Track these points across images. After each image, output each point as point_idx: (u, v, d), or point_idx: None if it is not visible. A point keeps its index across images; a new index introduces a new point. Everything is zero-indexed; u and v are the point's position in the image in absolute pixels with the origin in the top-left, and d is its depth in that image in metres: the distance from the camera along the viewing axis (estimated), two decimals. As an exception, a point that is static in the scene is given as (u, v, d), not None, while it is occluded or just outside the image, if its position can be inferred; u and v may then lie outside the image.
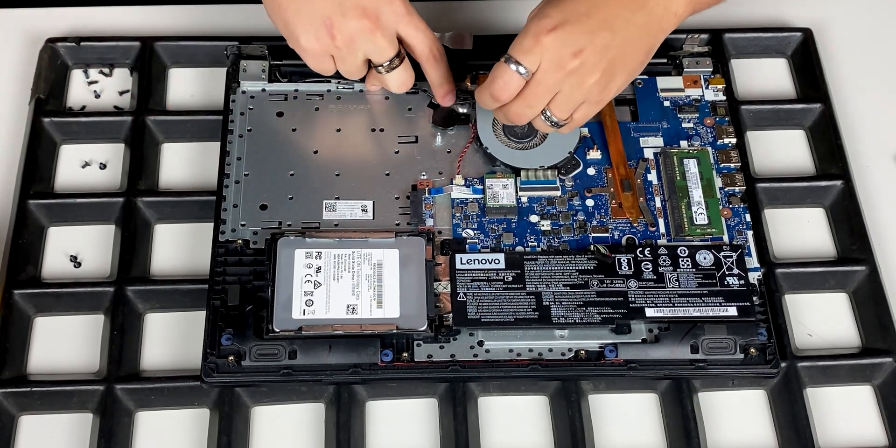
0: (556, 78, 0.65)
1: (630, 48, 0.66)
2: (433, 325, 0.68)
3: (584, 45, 0.64)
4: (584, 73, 0.65)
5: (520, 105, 0.67)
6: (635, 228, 0.73)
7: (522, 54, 0.65)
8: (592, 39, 0.64)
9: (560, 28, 0.64)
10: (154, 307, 0.73)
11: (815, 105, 0.81)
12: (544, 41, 0.64)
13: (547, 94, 0.66)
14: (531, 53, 0.64)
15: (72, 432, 0.68)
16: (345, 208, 0.73)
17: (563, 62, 0.64)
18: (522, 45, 0.65)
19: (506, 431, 0.69)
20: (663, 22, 0.67)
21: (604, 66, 0.65)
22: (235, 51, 0.78)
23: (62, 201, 0.76)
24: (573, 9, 0.64)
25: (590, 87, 0.65)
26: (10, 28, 0.84)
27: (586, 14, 0.64)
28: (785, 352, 0.70)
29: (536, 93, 0.66)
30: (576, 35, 0.64)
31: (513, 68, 0.65)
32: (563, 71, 0.64)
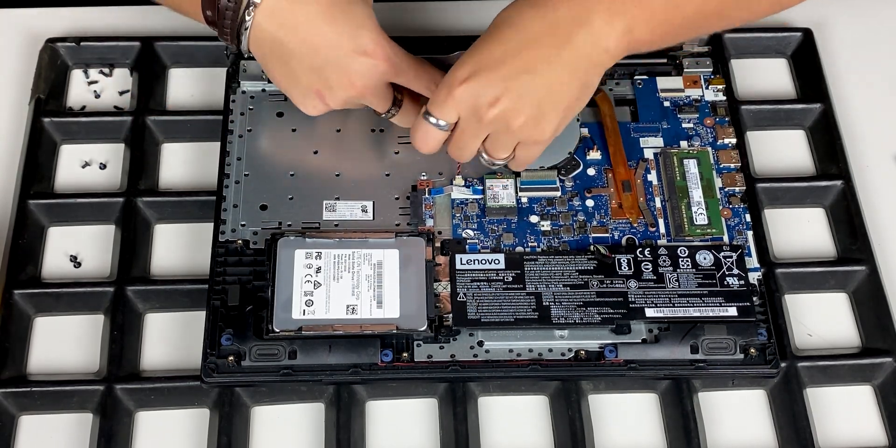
0: (478, 127, 0.64)
1: (558, 87, 0.63)
2: (433, 325, 0.68)
3: (500, 93, 0.62)
4: (507, 119, 0.63)
5: (452, 149, 0.67)
6: (635, 229, 0.73)
7: (437, 109, 0.64)
8: (508, 86, 0.61)
9: (472, 79, 0.62)
10: (154, 307, 0.73)
11: (815, 105, 0.81)
12: (457, 94, 0.62)
13: (473, 141, 0.66)
14: (445, 106, 0.63)
15: (72, 432, 0.68)
16: (345, 209, 0.73)
17: (480, 113, 0.63)
18: (437, 100, 0.64)
19: (506, 431, 0.69)
20: (594, 58, 0.62)
21: (528, 110, 0.63)
22: (235, 51, 0.78)
23: (62, 201, 0.76)
24: (487, 56, 0.62)
25: (519, 130, 0.64)
26: (10, 28, 0.84)
27: (500, 60, 0.62)
28: (785, 352, 0.70)
29: (463, 139, 0.66)
30: (490, 84, 0.61)
31: (432, 121, 0.65)
32: (483, 121, 0.63)
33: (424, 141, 0.66)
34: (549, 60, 0.61)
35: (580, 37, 0.61)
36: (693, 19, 0.64)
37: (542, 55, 0.61)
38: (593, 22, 0.61)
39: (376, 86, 0.67)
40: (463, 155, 0.68)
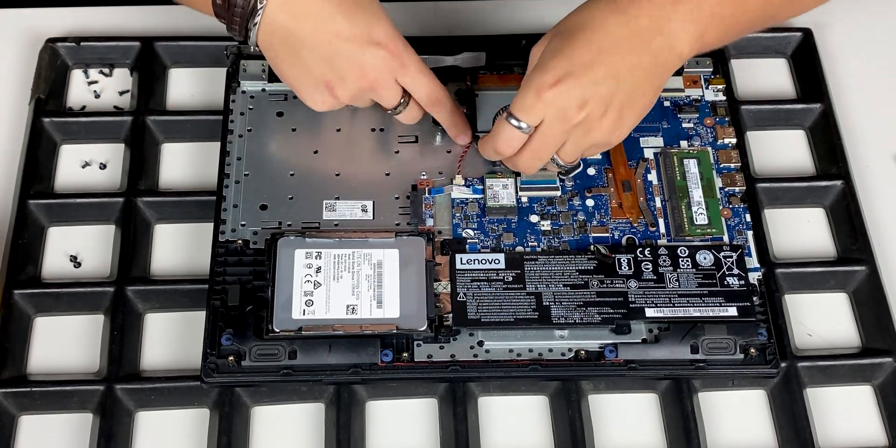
0: (562, 130, 0.64)
1: (637, 92, 0.65)
2: (433, 325, 0.68)
3: (589, 96, 0.63)
4: (590, 123, 0.64)
5: (528, 157, 0.67)
6: (635, 228, 0.73)
7: (524, 112, 0.64)
8: (597, 90, 0.63)
9: (562, 82, 0.62)
10: (154, 307, 0.73)
11: (815, 105, 0.81)
12: (546, 97, 0.63)
13: (553, 145, 0.66)
14: (533, 110, 0.64)
15: (72, 432, 0.68)
16: (345, 208, 0.73)
17: (567, 116, 0.63)
18: (524, 103, 0.64)
19: (506, 431, 0.69)
20: (669, 63, 0.65)
21: (611, 114, 0.64)
22: (235, 51, 0.78)
23: (62, 201, 0.76)
24: (575, 59, 0.63)
25: (598, 135, 0.65)
26: (10, 28, 0.84)
27: (588, 65, 0.63)
28: (785, 352, 0.70)
29: (543, 145, 0.66)
30: (579, 87, 0.62)
31: (514, 124, 0.65)
32: (569, 124, 0.64)
33: (508, 144, 0.66)
34: (633, 66, 0.63)
35: (659, 43, 0.64)
36: (755, 20, 0.67)
37: (627, 61, 0.63)
38: (672, 29, 0.64)
39: (388, 79, 0.67)
40: (535, 161, 0.67)
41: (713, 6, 0.64)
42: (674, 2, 0.64)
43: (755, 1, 0.66)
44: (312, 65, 0.66)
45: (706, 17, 0.64)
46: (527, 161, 0.68)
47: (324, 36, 0.65)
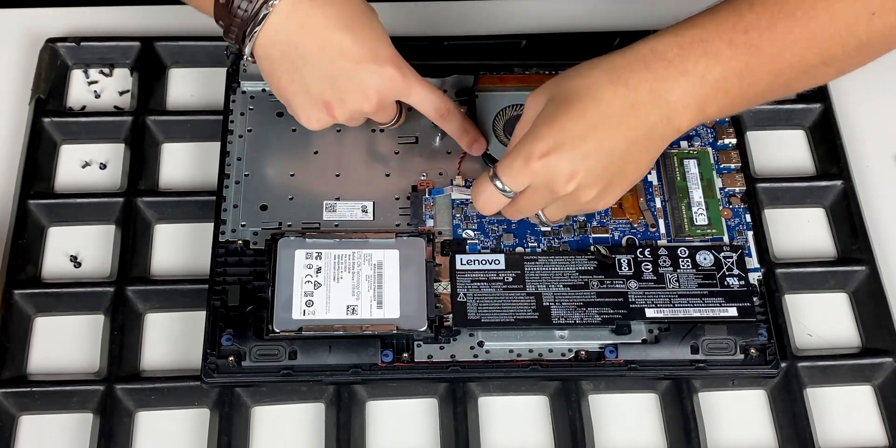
0: (546, 198, 0.63)
1: (630, 166, 0.63)
2: (433, 325, 0.68)
3: (578, 169, 0.60)
4: (579, 193, 0.62)
5: (510, 213, 0.67)
6: (635, 229, 0.73)
7: (510, 177, 0.62)
8: (587, 163, 0.60)
9: (552, 154, 0.60)
10: (154, 307, 0.73)
11: (815, 105, 0.81)
12: (534, 167, 0.61)
13: (536, 209, 0.65)
14: (519, 177, 0.62)
15: (72, 432, 0.68)
16: (345, 209, 0.73)
17: (554, 187, 0.61)
18: (511, 168, 0.62)
19: (506, 431, 0.69)
20: (665, 137, 0.62)
21: (600, 185, 0.62)
22: (236, 51, 0.78)
23: (62, 201, 0.76)
24: (567, 131, 0.60)
25: (585, 202, 0.63)
26: (10, 28, 0.84)
27: (581, 137, 0.60)
28: (785, 352, 0.70)
29: (527, 206, 0.65)
30: (569, 161, 0.60)
31: (498, 186, 0.63)
32: (555, 194, 0.62)
33: (488, 204, 0.65)
34: (627, 141, 0.61)
35: (656, 117, 0.61)
36: (762, 94, 0.63)
37: (621, 135, 0.61)
38: (672, 103, 0.61)
39: (390, 100, 0.67)
40: (518, 216, 0.67)
41: (717, 80, 0.61)
42: (676, 75, 0.60)
43: (762, 74, 0.62)
44: (312, 83, 0.65)
45: (709, 90, 0.61)
46: (509, 215, 0.68)
47: (328, 54, 0.64)
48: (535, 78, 0.78)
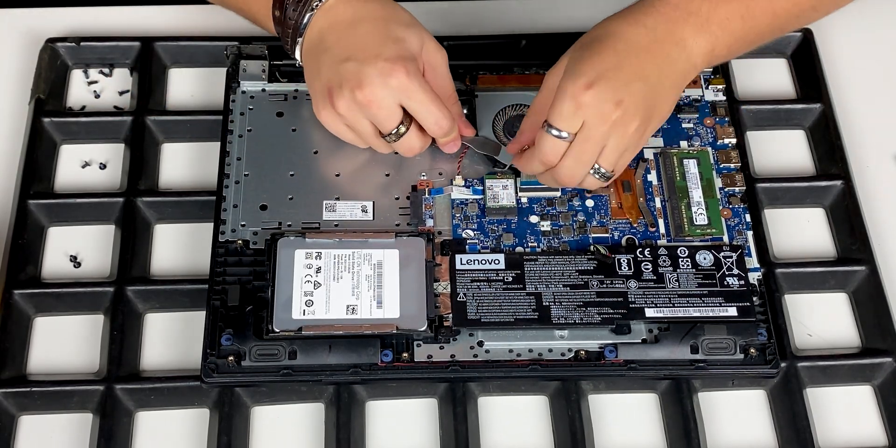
0: (603, 131, 0.65)
1: (662, 95, 0.67)
2: (433, 325, 0.68)
3: (623, 95, 0.64)
4: (626, 122, 0.65)
5: (570, 164, 0.67)
6: (635, 229, 0.73)
7: (564, 121, 0.65)
8: (629, 89, 0.64)
9: (596, 84, 0.64)
10: (154, 307, 0.73)
11: (815, 105, 0.81)
12: (584, 100, 0.64)
13: (596, 149, 0.66)
14: (574, 117, 0.64)
15: (72, 432, 0.68)
16: (345, 209, 0.73)
17: (606, 115, 0.64)
18: (562, 112, 0.65)
19: (506, 431, 0.69)
20: (686, 72, 0.68)
21: (642, 113, 0.65)
22: (235, 51, 0.78)
23: (62, 201, 0.76)
24: (604, 64, 0.64)
25: (631, 135, 0.66)
26: (10, 28, 0.84)
27: (618, 67, 0.64)
28: (785, 352, 0.70)
29: (585, 149, 0.66)
30: (613, 88, 0.64)
31: (555, 134, 0.65)
32: (608, 123, 0.64)
33: (552, 154, 0.66)
34: (657, 70, 0.66)
35: (676, 52, 0.67)
36: (762, 34, 0.70)
37: (651, 65, 0.65)
38: (686, 40, 0.67)
39: (384, 97, 0.67)
40: (579, 167, 0.67)
41: (722, 21, 0.67)
42: (685, 16, 0.66)
43: (762, 16, 0.69)
44: (324, 69, 0.67)
45: (715, 31, 0.67)
46: (570, 168, 0.67)
47: (343, 45, 0.67)
48: (535, 78, 0.78)
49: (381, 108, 0.67)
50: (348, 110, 0.68)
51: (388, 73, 0.66)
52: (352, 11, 0.67)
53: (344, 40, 0.67)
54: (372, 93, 0.66)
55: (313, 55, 0.69)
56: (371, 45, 0.66)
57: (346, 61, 0.66)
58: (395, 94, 0.67)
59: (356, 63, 0.66)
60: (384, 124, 0.69)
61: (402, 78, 0.66)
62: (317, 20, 0.68)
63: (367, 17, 0.67)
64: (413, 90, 0.66)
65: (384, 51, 0.66)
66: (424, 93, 0.67)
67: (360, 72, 0.66)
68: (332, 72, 0.67)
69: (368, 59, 0.66)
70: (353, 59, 0.66)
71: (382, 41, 0.67)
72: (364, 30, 0.67)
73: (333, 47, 0.67)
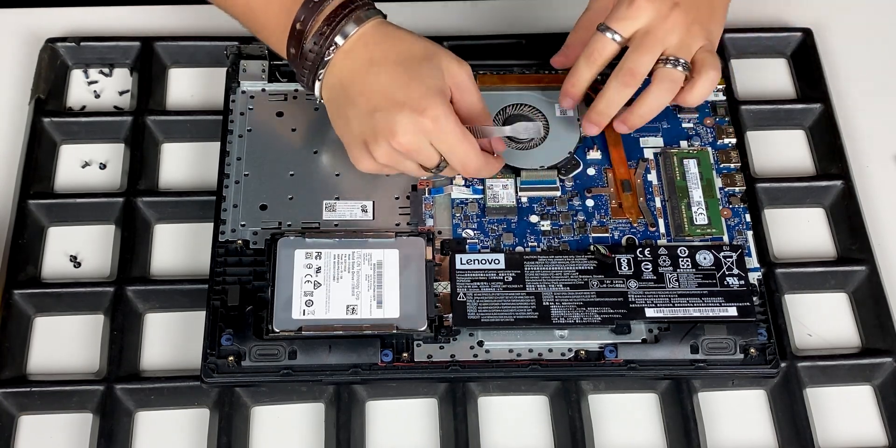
0: (664, 28, 0.67)
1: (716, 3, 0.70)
2: (433, 325, 0.68)
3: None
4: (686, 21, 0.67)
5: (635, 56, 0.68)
6: (635, 228, 0.73)
7: (619, 21, 0.67)
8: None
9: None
10: (154, 307, 0.73)
11: (815, 105, 0.81)
12: (640, 3, 0.67)
13: (656, 49, 0.68)
14: (629, 18, 0.67)
15: (72, 432, 0.68)
16: (345, 208, 0.73)
17: (664, 13, 0.67)
18: (619, 13, 0.67)
19: (506, 431, 0.69)
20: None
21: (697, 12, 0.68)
22: (235, 51, 0.78)
23: (62, 201, 0.76)
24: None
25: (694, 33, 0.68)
26: (10, 28, 0.84)
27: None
28: (785, 352, 0.70)
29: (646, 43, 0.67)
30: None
31: (608, 36, 0.68)
32: (668, 21, 0.67)
33: (600, 54, 0.68)
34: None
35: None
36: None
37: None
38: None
39: (420, 143, 0.66)
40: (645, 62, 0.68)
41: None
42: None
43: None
44: (354, 122, 0.67)
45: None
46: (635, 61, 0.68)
47: (366, 95, 0.66)
48: (534, 78, 0.78)
49: (420, 152, 0.66)
50: (389, 159, 0.67)
51: (418, 118, 0.65)
52: (368, 55, 0.66)
53: (367, 91, 0.66)
54: (408, 141, 0.65)
55: (337, 104, 0.68)
56: (395, 92, 0.65)
57: (375, 112, 0.65)
58: (428, 138, 0.66)
59: (384, 113, 0.65)
60: (427, 163, 0.68)
61: (428, 123, 0.65)
62: (336, 62, 0.66)
63: (386, 60, 0.66)
64: (441, 132, 0.65)
65: (409, 95, 0.65)
66: (453, 134, 0.66)
67: (390, 122, 0.65)
68: (363, 125, 0.66)
69: (395, 108, 0.65)
70: (381, 109, 0.65)
71: (405, 84, 0.65)
72: (385, 76, 0.66)
73: (358, 99, 0.66)
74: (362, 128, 0.67)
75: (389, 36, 0.67)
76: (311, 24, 0.66)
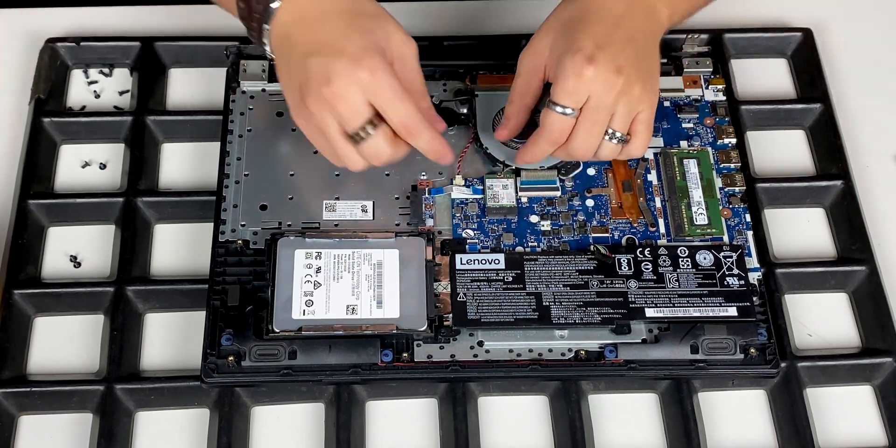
0: (610, 99, 0.66)
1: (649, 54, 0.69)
2: (433, 325, 0.68)
3: (621, 61, 0.65)
4: (631, 87, 0.66)
5: (584, 136, 0.67)
6: (635, 229, 0.73)
7: (570, 97, 0.66)
8: (625, 55, 0.66)
9: (596, 56, 0.65)
10: (154, 307, 0.73)
11: (815, 105, 0.81)
12: (588, 74, 0.65)
13: (605, 118, 0.66)
14: (580, 92, 0.65)
15: (72, 432, 0.68)
16: (345, 208, 0.73)
17: (610, 83, 0.65)
18: (567, 89, 0.65)
19: (506, 431, 0.69)
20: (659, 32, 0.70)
21: (641, 74, 0.67)
22: (235, 51, 0.78)
23: (62, 201, 0.76)
24: (596, 36, 0.66)
25: (638, 97, 0.67)
26: (10, 28, 0.84)
27: (609, 35, 0.66)
28: (785, 352, 0.70)
29: (596, 119, 0.66)
30: (612, 57, 0.65)
31: (558, 111, 0.66)
32: (615, 90, 0.65)
33: (561, 131, 0.67)
34: (641, 32, 0.68)
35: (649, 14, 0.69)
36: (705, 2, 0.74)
37: (636, 29, 0.68)
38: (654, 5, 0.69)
39: (350, 93, 0.64)
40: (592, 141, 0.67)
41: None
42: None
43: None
44: (293, 67, 0.65)
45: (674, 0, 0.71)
46: (583, 140, 0.67)
47: (308, 39, 0.65)
48: (534, 78, 0.78)
49: (346, 103, 0.64)
50: (317, 107, 0.65)
51: (354, 66, 0.63)
52: (316, 5, 0.66)
53: (310, 36, 0.65)
54: (339, 88, 0.63)
55: (282, 53, 0.67)
56: (337, 40, 0.64)
57: (312, 56, 0.64)
58: (361, 90, 0.64)
59: (322, 58, 0.64)
60: (349, 122, 0.65)
61: (364, 74, 0.64)
62: (282, 13, 0.66)
63: (333, 11, 0.66)
64: (378, 86, 0.64)
65: (350, 44, 0.64)
66: (391, 89, 0.64)
67: (326, 66, 0.64)
68: (299, 69, 0.65)
69: (334, 54, 0.64)
70: (319, 53, 0.64)
71: (348, 34, 0.65)
72: (330, 24, 0.65)
73: (299, 44, 0.65)
74: (299, 74, 0.65)
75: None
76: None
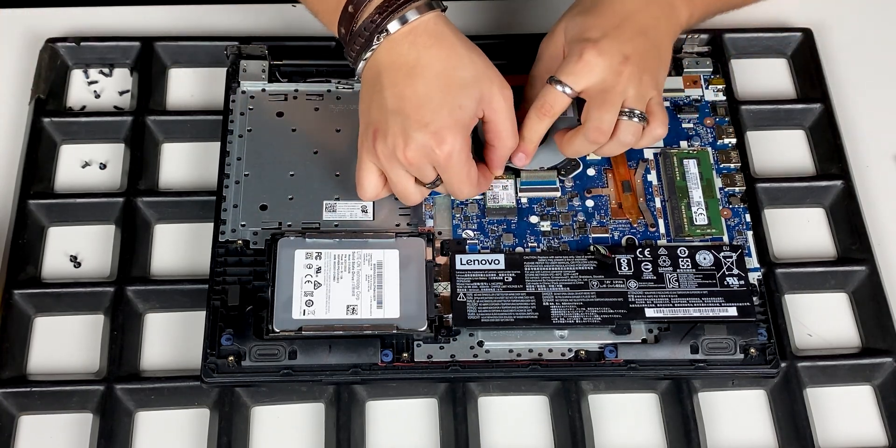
0: (618, 84, 0.66)
1: (663, 49, 0.70)
2: (433, 325, 0.68)
3: (628, 51, 0.67)
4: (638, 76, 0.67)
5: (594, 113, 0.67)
6: (635, 229, 0.73)
7: (570, 75, 0.67)
8: (633, 45, 0.67)
9: (602, 42, 0.66)
10: (154, 307, 0.73)
11: (815, 105, 0.81)
12: (590, 59, 0.66)
13: (616, 98, 0.67)
14: (577, 74, 0.66)
15: (72, 432, 0.68)
16: (345, 209, 0.73)
17: (615, 70, 0.66)
18: (567, 68, 0.67)
19: (506, 431, 0.69)
20: (675, 29, 0.71)
21: (649, 64, 0.68)
22: (235, 51, 0.78)
23: (62, 201, 0.76)
24: (607, 23, 0.67)
25: (645, 87, 0.67)
26: (10, 28, 0.84)
27: (619, 26, 0.67)
28: (785, 352, 0.70)
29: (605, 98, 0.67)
30: (618, 45, 0.67)
31: (559, 89, 0.67)
32: (621, 77, 0.66)
33: (552, 107, 0.68)
34: (654, 26, 0.69)
35: (668, 11, 0.70)
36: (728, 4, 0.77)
37: (648, 22, 0.69)
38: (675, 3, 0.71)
39: (422, 163, 0.66)
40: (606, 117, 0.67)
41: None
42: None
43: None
44: (374, 110, 0.66)
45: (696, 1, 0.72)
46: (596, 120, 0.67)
47: (396, 92, 0.65)
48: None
49: (416, 168, 0.67)
50: (386, 159, 0.67)
51: (432, 146, 0.65)
52: (415, 55, 0.65)
53: (399, 89, 0.65)
54: (413, 157, 0.65)
55: (369, 87, 0.67)
56: (423, 108, 0.65)
57: (396, 114, 0.65)
58: (433, 163, 0.66)
59: (405, 121, 0.65)
60: (422, 178, 0.68)
61: (440, 155, 0.65)
62: (381, 51, 0.66)
63: (428, 68, 0.65)
64: (449, 167, 0.66)
65: (436, 120, 0.65)
66: (458, 171, 0.67)
67: (406, 133, 0.65)
68: (380, 117, 0.66)
69: (417, 125, 0.64)
70: (403, 115, 0.65)
71: (437, 107, 0.65)
72: (423, 87, 0.65)
73: (387, 92, 0.65)
74: (378, 118, 0.66)
75: (442, 41, 0.66)
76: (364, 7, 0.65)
